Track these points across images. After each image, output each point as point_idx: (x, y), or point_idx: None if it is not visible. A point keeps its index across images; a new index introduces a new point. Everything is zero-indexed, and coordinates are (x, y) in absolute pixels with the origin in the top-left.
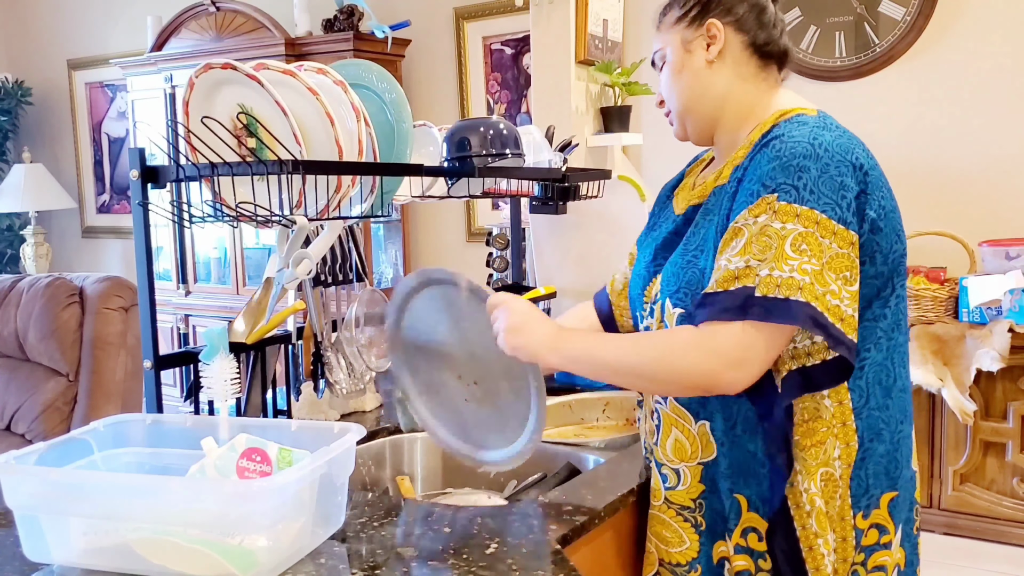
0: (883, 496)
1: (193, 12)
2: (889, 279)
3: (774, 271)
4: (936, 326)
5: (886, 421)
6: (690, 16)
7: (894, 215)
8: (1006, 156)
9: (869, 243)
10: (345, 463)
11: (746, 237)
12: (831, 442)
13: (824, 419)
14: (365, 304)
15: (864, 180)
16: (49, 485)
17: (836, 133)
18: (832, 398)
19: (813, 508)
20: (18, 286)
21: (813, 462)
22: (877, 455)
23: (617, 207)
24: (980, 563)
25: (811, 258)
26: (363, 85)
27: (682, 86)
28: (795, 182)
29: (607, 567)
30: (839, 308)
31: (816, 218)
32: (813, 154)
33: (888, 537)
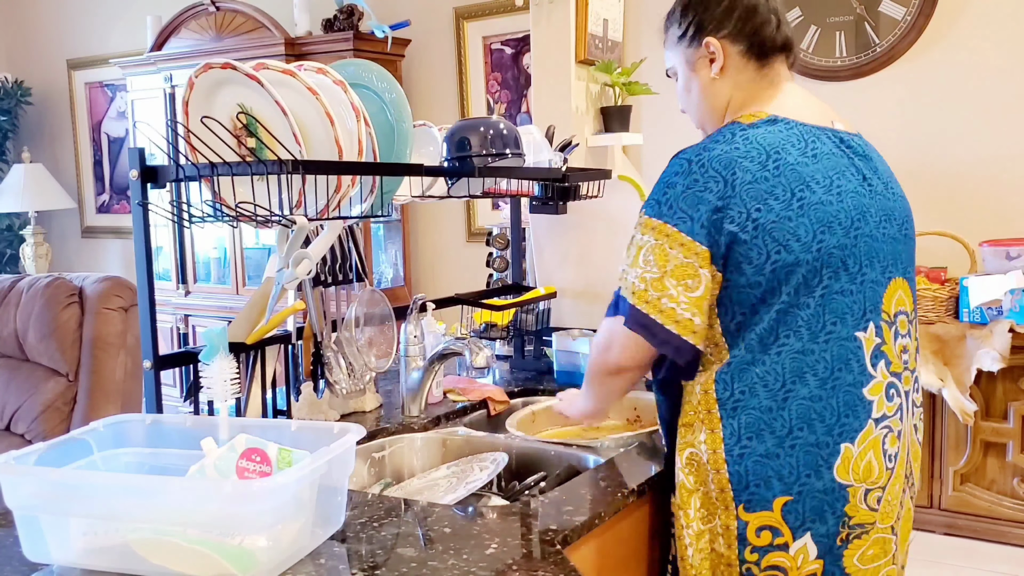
0: (775, 500)
1: (193, 12)
2: (772, 288)
3: (627, 275)
4: (936, 326)
5: (769, 423)
6: (688, 36)
7: (780, 226)
8: (1006, 156)
9: (732, 255)
10: (345, 463)
11: (629, 246)
12: (697, 426)
13: (692, 403)
14: (365, 304)
15: (729, 194)
16: (49, 485)
17: (728, 147)
18: (701, 385)
19: (677, 482)
20: (18, 286)
21: (682, 441)
22: (756, 454)
23: (617, 207)
24: (980, 563)
25: (653, 266)
26: (363, 85)
27: (696, 102)
28: (660, 197)
29: (607, 567)
30: (674, 311)
31: (667, 231)
32: (686, 171)
33: (782, 539)
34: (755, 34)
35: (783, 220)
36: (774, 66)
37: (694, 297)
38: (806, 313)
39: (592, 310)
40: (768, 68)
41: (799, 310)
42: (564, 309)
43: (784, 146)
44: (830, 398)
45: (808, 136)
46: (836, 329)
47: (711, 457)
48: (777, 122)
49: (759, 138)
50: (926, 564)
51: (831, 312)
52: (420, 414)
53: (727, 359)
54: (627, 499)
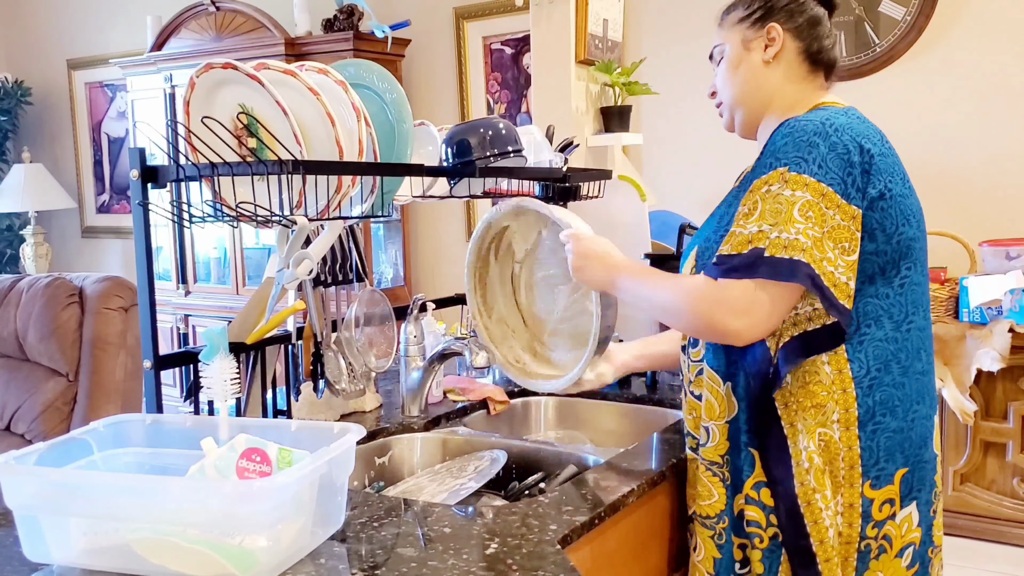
0: (897, 472)
1: (193, 12)
2: (894, 260)
3: (782, 233)
4: (936, 326)
5: (900, 399)
6: (753, 17)
7: (904, 200)
8: (1006, 156)
9: (868, 220)
10: (345, 463)
11: (760, 205)
12: (830, 406)
13: (824, 384)
14: (365, 304)
15: (869, 162)
16: (49, 485)
17: (853, 119)
18: (832, 365)
19: (812, 465)
20: (18, 286)
21: (812, 421)
22: (889, 430)
23: (617, 207)
24: (980, 563)
25: (814, 225)
26: (363, 85)
27: (738, 80)
28: (805, 155)
29: (608, 567)
30: (833, 275)
31: (823, 190)
32: (823, 132)
33: (894, 509)
34: (816, 39)
35: (904, 196)
36: (819, 78)
37: (850, 261)
38: (921, 290)
39: None
40: (816, 76)
41: (917, 287)
42: None
43: (881, 132)
44: (931, 373)
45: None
46: (928, 312)
47: (843, 435)
48: (860, 113)
49: (866, 120)
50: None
51: (926, 295)
52: (420, 414)
53: (853, 336)
54: (627, 499)
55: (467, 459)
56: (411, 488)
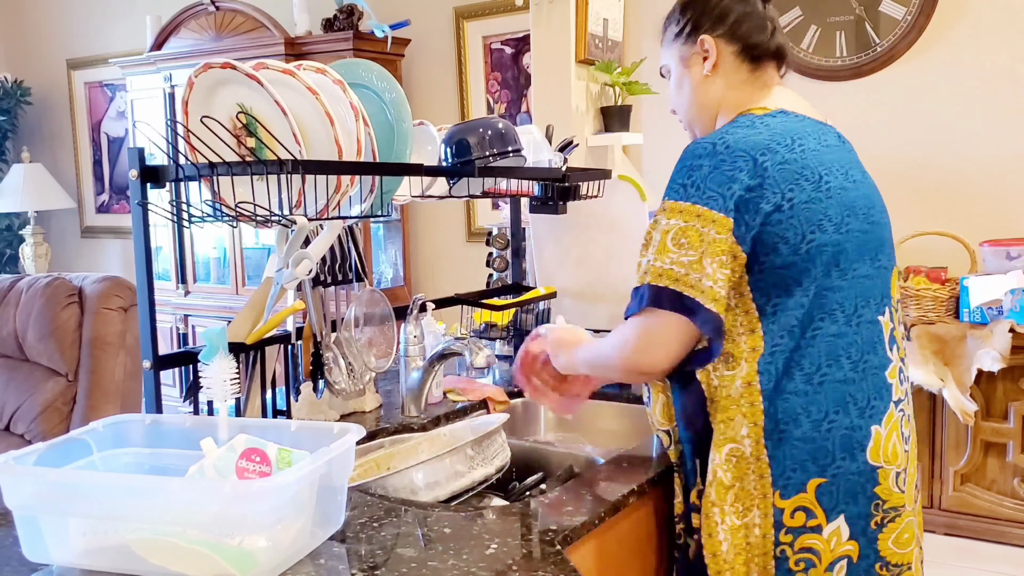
0: (809, 482)
1: (192, 12)
2: (806, 269)
3: (656, 263)
4: (937, 326)
5: (804, 407)
6: (684, 33)
7: (813, 206)
8: (1006, 156)
9: (768, 235)
10: (345, 463)
11: (650, 236)
12: (739, 420)
13: (732, 397)
14: (365, 304)
15: (761, 175)
16: (48, 485)
17: (752, 131)
18: (742, 379)
19: (715, 479)
20: (17, 286)
21: (720, 436)
22: (794, 438)
23: (617, 207)
24: (980, 563)
25: (688, 249)
26: (363, 85)
27: (685, 99)
28: (685, 180)
29: (607, 567)
30: (712, 289)
31: (697, 211)
32: (711, 152)
33: (816, 521)
34: (748, 37)
35: (815, 201)
36: (767, 71)
37: (727, 274)
38: (839, 296)
39: (592, 310)
40: (761, 72)
41: (832, 293)
42: (564, 309)
43: (802, 134)
44: (862, 381)
45: (817, 128)
46: (864, 313)
47: (753, 448)
48: (787, 114)
49: (778, 125)
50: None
51: (860, 296)
52: (420, 414)
53: (761, 347)
54: (627, 499)
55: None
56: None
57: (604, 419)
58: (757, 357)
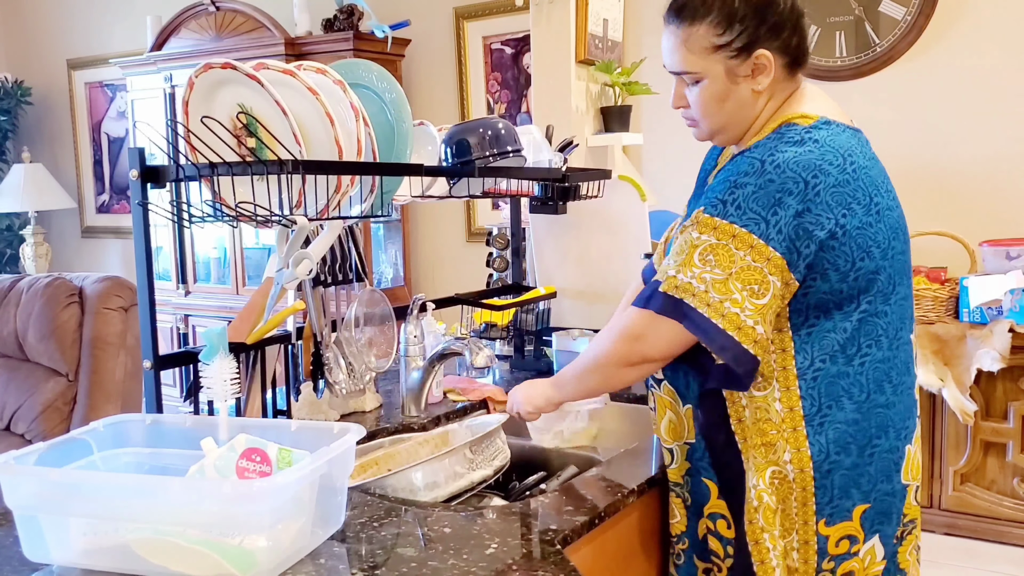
0: (855, 509)
1: (193, 12)
2: (851, 296)
3: (678, 275)
4: (936, 326)
5: (854, 436)
6: (735, 47)
7: (864, 232)
8: (1006, 156)
9: (819, 260)
10: (345, 463)
11: (677, 243)
12: (780, 444)
13: (773, 422)
14: (365, 304)
15: (812, 199)
16: (49, 485)
17: (806, 148)
18: (783, 403)
19: (760, 504)
20: (18, 286)
21: (762, 460)
22: (843, 468)
23: (617, 207)
24: (980, 563)
25: (715, 267)
26: (363, 85)
27: (726, 111)
28: (726, 197)
29: (607, 567)
30: (738, 317)
31: (733, 231)
32: (759, 171)
33: (857, 547)
34: (797, 47)
35: (866, 226)
36: (797, 74)
37: (759, 304)
38: (884, 321)
39: (592, 310)
40: (794, 76)
41: (878, 318)
42: (564, 309)
43: (852, 149)
44: (899, 403)
45: (858, 140)
46: (903, 335)
47: (798, 476)
48: (831, 125)
49: (829, 140)
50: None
51: (901, 319)
52: (420, 414)
53: (793, 367)
54: (627, 499)
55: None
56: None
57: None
58: (793, 379)
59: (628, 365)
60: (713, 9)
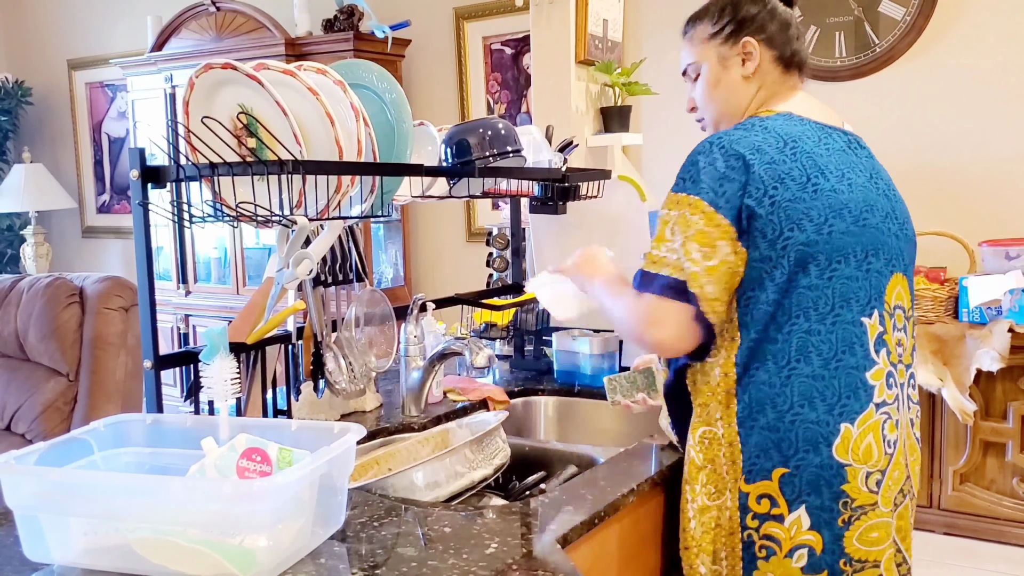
0: (774, 471)
1: (193, 12)
2: (781, 265)
3: (654, 250)
4: (936, 326)
5: (772, 398)
6: (725, 33)
7: (793, 205)
8: (1006, 156)
9: (751, 229)
10: (345, 463)
11: (656, 225)
12: (714, 405)
13: (710, 384)
14: (365, 304)
15: (747, 172)
16: (49, 485)
17: (751, 132)
18: (721, 368)
19: (688, 459)
20: (18, 286)
21: (696, 419)
22: (760, 426)
23: (617, 207)
24: (980, 563)
25: (679, 234)
26: (363, 85)
27: (719, 99)
28: (685, 175)
29: (607, 567)
30: (697, 275)
31: (690, 200)
32: (707, 150)
33: (778, 510)
34: (789, 43)
35: (797, 200)
36: (793, 77)
37: (708, 266)
38: (815, 295)
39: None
40: (787, 78)
41: (809, 291)
42: None
43: (800, 136)
44: (832, 378)
45: (821, 132)
46: (842, 313)
47: (726, 432)
48: (792, 117)
49: (777, 128)
50: (926, 564)
51: (839, 296)
52: (420, 414)
53: (739, 337)
54: (627, 499)
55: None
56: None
57: (604, 419)
58: (736, 347)
59: (646, 347)
60: (713, 6)
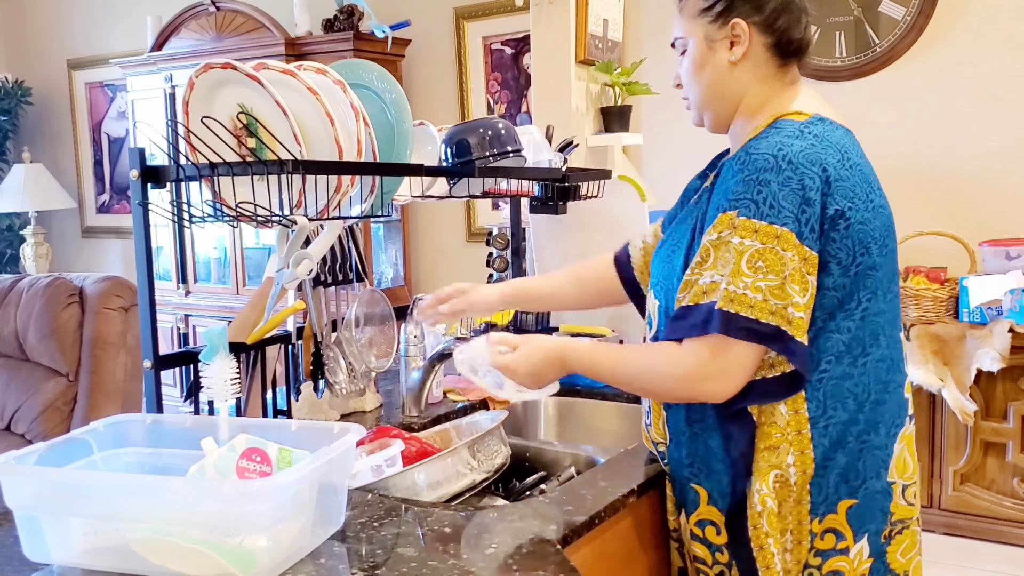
0: (840, 503)
1: (193, 12)
2: (852, 292)
3: (730, 286)
4: (936, 326)
5: (853, 434)
6: (715, 11)
7: (864, 227)
8: (1006, 156)
9: (824, 254)
10: (345, 463)
11: (712, 253)
12: (784, 448)
13: (779, 425)
14: (365, 304)
15: (827, 191)
16: (49, 485)
17: (808, 142)
18: (788, 406)
19: (765, 508)
20: (18, 286)
21: (765, 464)
22: (839, 465)
23: (617, 207)
24: (980, 563)
25: (768, 273)
26: (363, 85)
27: (703, 82)
28: (754, 196)
29: (607, 567)
30: (802, 320)
31: (776, 232)
32: (775, 167)
33: (845, 543)
34: (785, 31)
35: (865, 221)
36: (793, 67)
37: (805, 303)
38: (883, 319)
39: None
40: (788, 68)
41: (878, 317)
42: None
43: (847, 146)
44: (891, 401)
45: (852, 139)
46: (895, 333)
47: (800, 478)
48: (826, 122)
49: (827, 136)
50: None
51: (895, 316)
52: (420, 414)
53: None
54: (627, 499)
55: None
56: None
57: (604, 419)
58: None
59: (690, 401)
60: None
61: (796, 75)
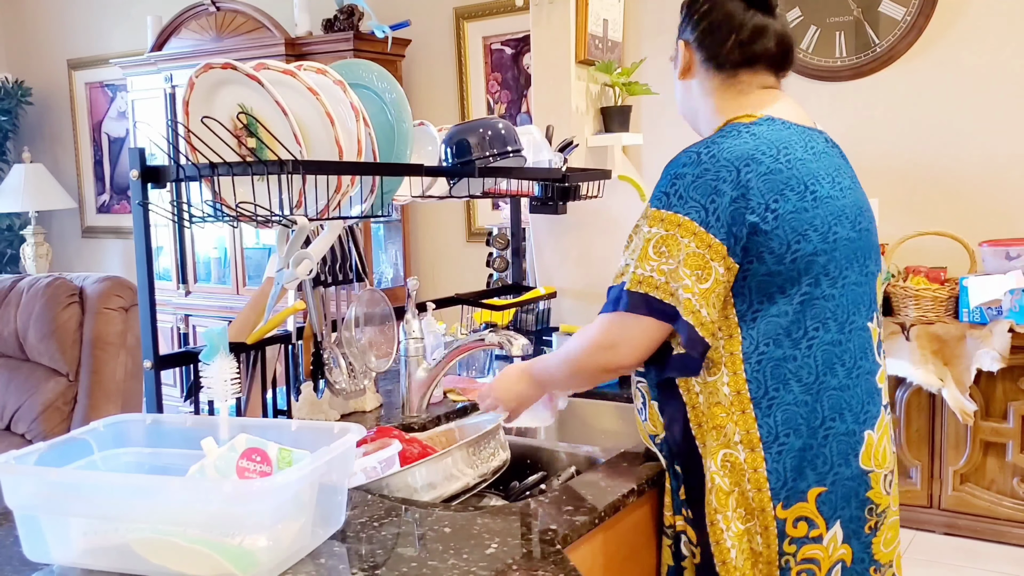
0: (809, 491)
1: (193, 12)
2: (792, 279)
3: (637, 269)
4: (936, 326)
5: (805, 417)
6: (678, 34)
7: (799, 216)
8: (1006, 156)
9: (753, 244)
10: (345, 463)
11: (631, 241)
12: (731, 427)
13: (723, 405)
14: (365, 304)
15: (745, 185)
16: (49, 485)
17: (742, 140)
18: (731, 387)
19: (713, 485)
20: (18, 286)
21: (713, 443)
22: (794, 449)
23: (617, 207)
24: (980, 563)
25: (668, 258)
26: (363, 85)
27: (676, 98)
28: (668, 188)
29: (607, 567)
30: (690, 302)
31: (679, 220)
32: (695, 161)
33: (817, 531)
34: (711, 47)
35: (800, 211)
36: (742, 78)
37: (703, 289)
38: (832, 304)
39: (592, 310)
40: (736, 80)
41: (825, 301)
42: (564, 309)
43: (789, 142)
44: (855, 387)
45: (804, 135)
46: (856, 320)
47: (748, 456)
48: (775, 121)
49: (765, 134)
50: (926, 564)
51: (852, 303)
52: (420, 414)
53: (740, 352)
54: (627, 499)
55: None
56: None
57: (604, 419)
58: (739, 363)
59: (605, 372)
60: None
61: (750, 84)
